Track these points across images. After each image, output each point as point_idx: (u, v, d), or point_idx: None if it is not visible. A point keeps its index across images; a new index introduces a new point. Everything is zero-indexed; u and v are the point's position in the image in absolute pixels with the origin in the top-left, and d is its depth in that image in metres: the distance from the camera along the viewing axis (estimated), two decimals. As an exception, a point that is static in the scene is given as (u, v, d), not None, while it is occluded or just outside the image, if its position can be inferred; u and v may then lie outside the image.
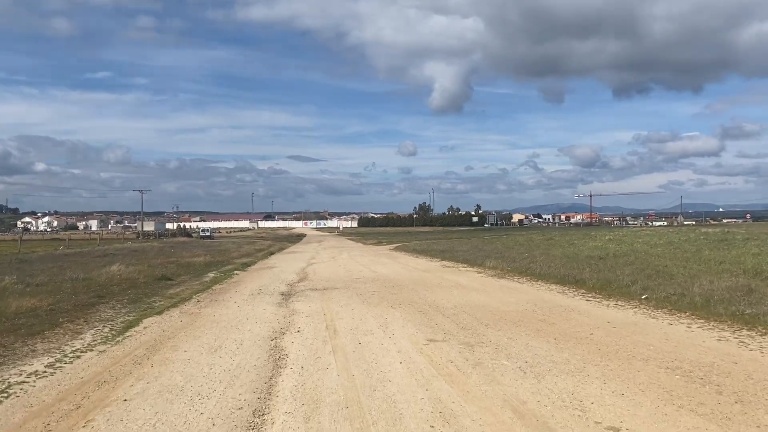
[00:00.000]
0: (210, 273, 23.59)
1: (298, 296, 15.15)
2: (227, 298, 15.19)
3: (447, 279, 18.74)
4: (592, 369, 7.21)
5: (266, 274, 23.12)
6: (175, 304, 14.29)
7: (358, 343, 9.05)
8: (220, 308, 13.31)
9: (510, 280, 18.05)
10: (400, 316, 11.58)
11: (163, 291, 17.07)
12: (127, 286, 18.04)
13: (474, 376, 7.04)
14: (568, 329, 9.77)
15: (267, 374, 7.34)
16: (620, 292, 13.76)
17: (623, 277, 15.26)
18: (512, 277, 18.90)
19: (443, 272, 21.59)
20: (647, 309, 11.65)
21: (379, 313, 12.02)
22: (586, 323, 10.25)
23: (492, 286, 16.33)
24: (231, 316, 12.15)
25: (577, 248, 31.76)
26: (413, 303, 13.32)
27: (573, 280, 16.30)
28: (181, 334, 10.22)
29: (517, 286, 16.36)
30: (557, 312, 11.58)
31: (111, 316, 12.37)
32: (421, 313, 11.79)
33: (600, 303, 12.66)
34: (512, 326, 10.15)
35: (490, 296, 14.19)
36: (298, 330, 10.30)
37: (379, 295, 14.86)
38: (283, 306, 13.42)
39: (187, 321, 11.62)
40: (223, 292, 16.78)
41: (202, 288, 17.92)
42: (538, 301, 13.22)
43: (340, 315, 11.85)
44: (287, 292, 16.25)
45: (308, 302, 13.93)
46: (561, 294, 14.35)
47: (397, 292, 15.41)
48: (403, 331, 9.98)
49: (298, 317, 11.74)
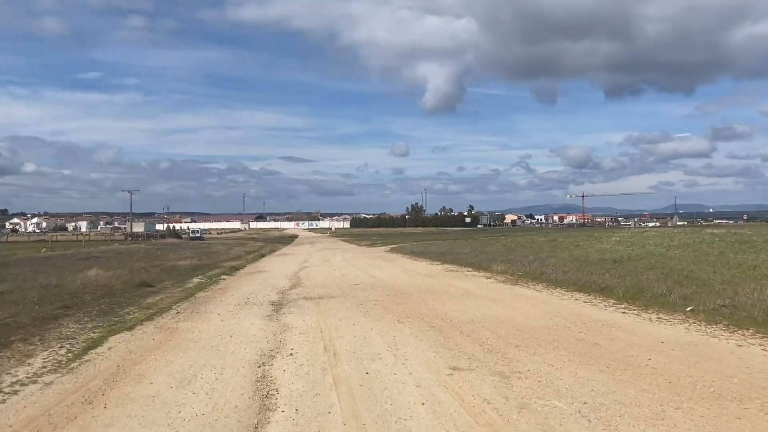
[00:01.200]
0: (195, 278, 21.83)
1: (291, 307, 13.44)
2: (210, 309, 13.46)
3: (455, 286, 17.05)
4: (677, 415, 5.51)
5: (256, 279, 21.38)
6: (151, 316, 12.56)
7: (365, 372, 7.35)
8: (201, 322, 11.59)
9: (525, 287, 16.36)
10: (410, 333, 9.89)
11: (140, 300, 15.33)
12: (101, 294, 16.27)
13: (522, 425, 5.36)
14: (617, 352, 8.11)
15: (251, 421, 5.64)
16: (657, 303, 12.11)
17: (656, 285, 13.61)
18: (526, 283, 17.22)
19: (448, 278, 19.90)
20: (698, 324, 9.98)
21: (386, 328, 10.33)
22: (637, 344, 8.58)
23: (507, 295, 14.63)
24: (212, 332, 10.43)
25: (585, 250, 30.20)
26: (423, 316, 11.63)
27: (597, 287, 14.65)
28: (150, 357, 8.50)
29: (535, 294, 14.65)
30: (595, 328, 9.90)
31: (74, 332, 10.63)
32: (434, 330, 10.10)
33: (639, 316, 10.99)
34: (548, 348, 8.48)
35: (510, 308, 12.50)
36: (291, 353, 8.60)
37: (382, 306, 13.17)
38: (273, 319, 11.70)
39: (161, 339, 9.89)
40: (206, 301, 15.04)
41: (184, 296, 16.18)
42: (567, 313, 11.54)
43: (339, 332, 10.16)
44: (278, 301, 14.53)
45: (302, 315, 12.23)
46: (589, 304, 12.67)
47: (402, 302, 13.72)
48: (418, 354, 8.29)
49: (291, 334, 10.03)
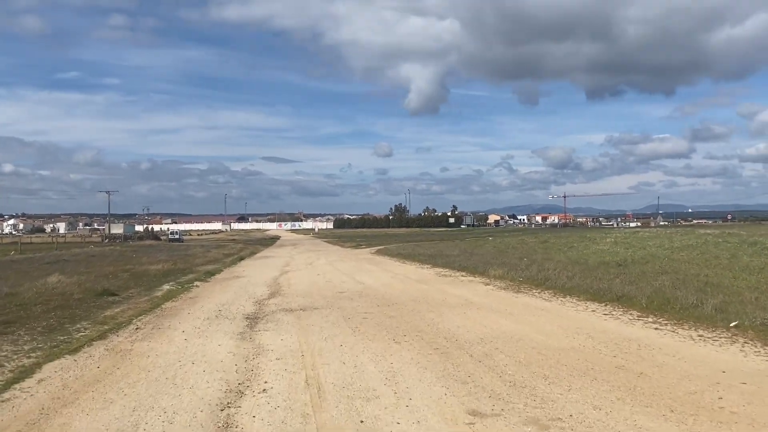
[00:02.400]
0: (165, 285, 19.95)
1: (268, 321, 11.69)
2: (175, 324, 11.68)
3: (451, 294, 15.38)
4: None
5: (232, 286, 19.57)
6: (104, 333, 10.75)
7: (359, 420, 5.64)
8: (162, 342, 9.82)
9: (530, 295, 14.73)
10: (410, 357, 8.21)
11: (98, 312, 13.49)
12: (55, 305, 14.39)
13: None
14: (674, 387, 6.48)
15: None
16: (689, 316, 10.53)
17: (681, 294, 12.04)
18: (530, 290, 15.60)
19: (443, 284, 18.24)
20: (753, 345, 8.36)
21: (380, 351, 8.64)
22: (693, 374, 6.96)
23: (514, 306, 12.98)
24: (172, 356, 8.67)
25: (580, 252, 28.77)
26: (422, 333, 9.95)
27: (612, 295, 13.07)
28: (86, 395, 6.73)
29: (545, 305, 13.01)
30: (631, 351, 8.27)
31: (4, 357, 8.80)
32: (438, 353, 8.42)
33: (676, 334, 9.38)
34: (585, 380, 6.84)
35: (521, 322, 10.84)
36: (265, 388, 6.87)
37: (373, 320, 11.47)
38: (245, 338, 9.95)
39: (108, 367, 8.11)
40: (173, 313, 13.25)
41: (149, 307, 14.36)
42: (590, 329, 9.91)
43: (324, 356, 8.44)
44: (254, 314, 12.77)
45: (280, 332, 10.48)
46: (611, 318, 11.05)
47: (396, 315, 12.03)
48: (424, 389, 6.60)
49: (266, 360, 8.30)
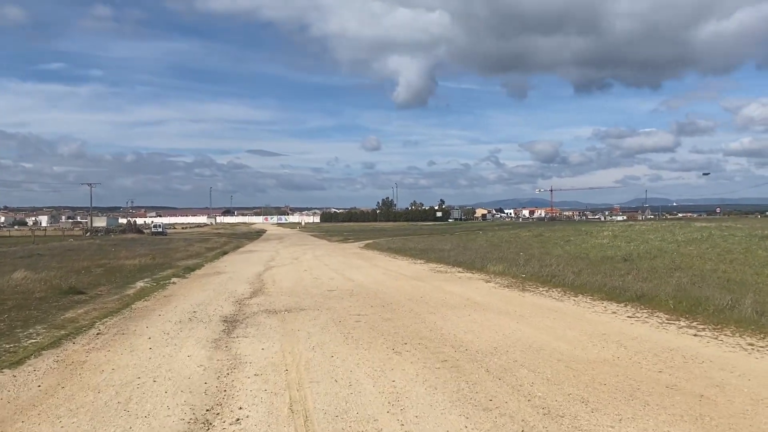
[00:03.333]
0: (139, 281, 18.48)
1: (248, 325, 10.31)
2: (142, 328, 10.26)
3: (451, 292, 14.06)
4: None
5: (211, 283, 18.13)
6: (59, 340, 9.33)
7: (360, 470, 4.32)
8: (122, 351, 8.42)
9: (538, 293, 13.45)
10: (414, 372, 6.87)
11: (58, 314, 12.04)
12: (11, 305, 12.93)
13: None
14: (751, 416, 5.20)
15: None
16: (728, 319, 9.29)
17: (711, 294, 10.81)
18: (536, 288, 14.33)
19: (440, 281, 16.92)
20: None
21: (378, 364, 7.30)
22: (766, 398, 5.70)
23: (522, 306, 11.66)
24: (130, 372, 7.27)
25: (579, 246, 27.63)
26: (424, 340, 8.62)
27: (631, 294, 11.81)
28: (12, 428, 5.34)
29: (557, 305, 11.71)
30: (676, 364, 6.98)
31: (-71, 372, 7.38)
32: (448, 367, 7.10)
33: (722, 342, 8.10)
34: (636, 406, 5.53)
35: (536, 326, 9.53)
36: (238, 417, 5.50)
37: (367, 323, 10.12)
38: (220, 347, 8.57)
39: (50, 386, 6.70)
40: (142, 315, 11.83)
41: (117, 307, 12.92)
42: (617, 335, 8.62)
43: (312, 371, 7.08)
44: (232, 316, 11.37)
45: (261, 339, 9.11)
46: (638, 321, 9.76)
47: (393, 317, 10.69)
48: (439, 420, 5.26)
49: (242, 377, 6.92)
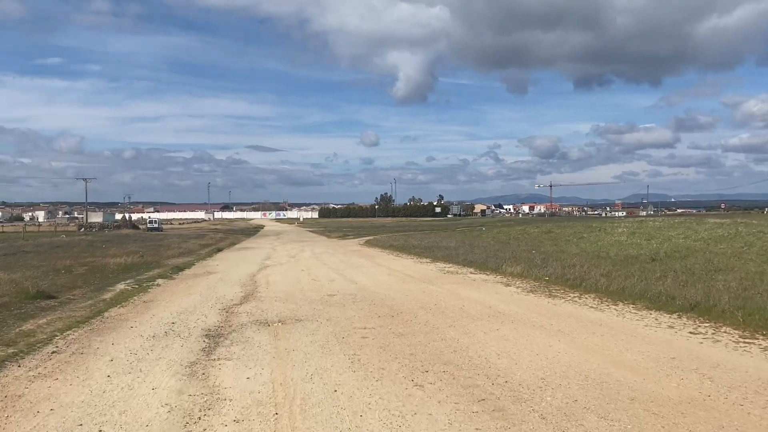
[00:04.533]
0: (121, 283, 16.79)
1: (233, 342, 8.59)
2: (107, 345, 8.56)
3: (469, 298, 12.35)
4: None
5: (199, 285, 16.42)
6: (2, 362, 7.64)
7: None
8: (73, 380, 6.71)
9: (570, 301, 11.72)
10: (446, 421, 5.15)
11: (15, 324, 10.36)
12: (-35, 313, 11.28)
13: None
14: None
15: None
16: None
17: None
18: (565, 293, 12.61)
19: (452, 283, 15.20)
20: None
21: (396, 405, 5.59)
22: None
23: (558, 318, 9.91)
24: (71, 416, 5.56)
25: (595, 245, 25.94)
26: (449, 366, 6.91)
27: (684, 304, 10.09)
28: None
29: (599, 317, 9.97)
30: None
31: None
32: (489, 412, 5.38)
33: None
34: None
35: (585, 347, 7.80)
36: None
37: (376, 340, 8.42)
38: (196, 375, 6.85)
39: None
40: (112, 326, 10.12)
41: (87, 316, 11.23)
42: (694, 362, 6.87)
43: (310, 415, 5.35)
44: (217, 329, 9.66)
45: (248, 362, 7.40)
46: (708, 340, 7.97)
47: (405, 331, 8.99)
48: None
49: (217, 425, 5.20)
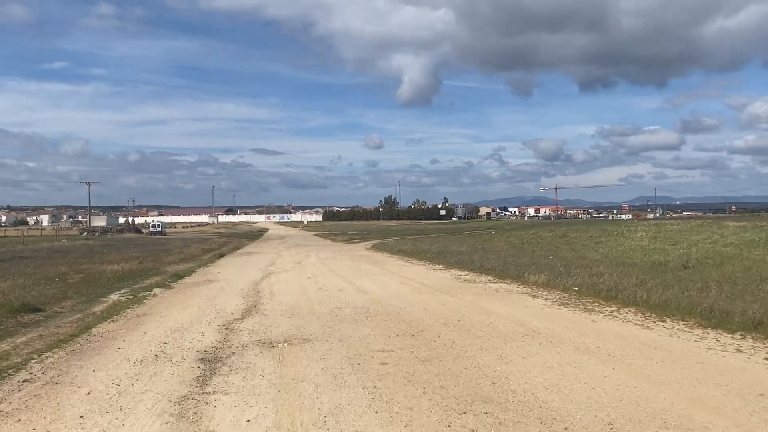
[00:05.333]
0: (115, 293, 15.68)
1: (231, 370, 7.42)
2: (86, 373, 7.41)
3: (495, 313, 11.14)
4: None
5: (199, 295, 15.27)
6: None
7: None
8: (36, 425, 5.56)
9: (608, 315, 10.49)
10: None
11: (-11, 344, 9.23)
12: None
13: None
14: None
15: None
16: None
17: None
18: (601, 306, 11.41)
19: (473, 294, 14.00)
20: None
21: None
22: None
23: (604, 338, 8.67)
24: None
25: (616, 250, 24.74)
26: (491, 405, 5.73)
27: (744, 321, 8.85)
28: None
29: (651, 337, 8.71)
30: None
31: None
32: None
33: None
34: None
35: (644, 376, 6.60)
36: None
37: (398, 367, 7.23)
38: (185, 417, 5.67)
39: None
40: (97, 347, 8.97)
41: (71, 333, 10.11)
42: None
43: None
44: (214, 350, 8.50)
45: (248, 397, 6.22)
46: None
47: (429, 355, 7.80)
48: None
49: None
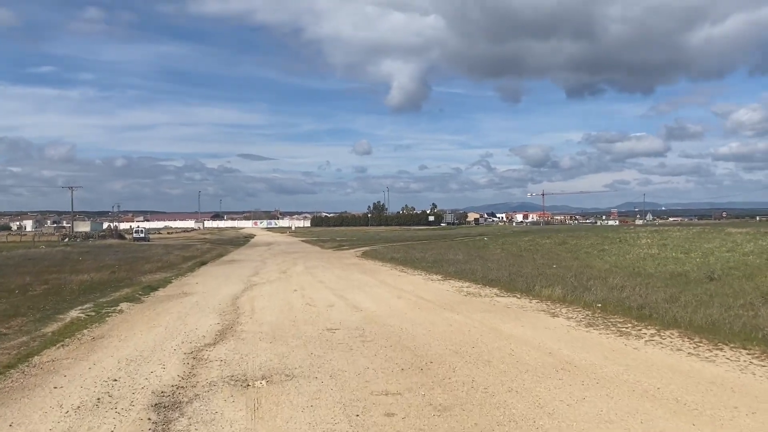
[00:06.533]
0: (76, 309, 13.89)
1: (192, 421, 5.64)
2: (1, 425, 5.66)
3: (514, 337, 9.46)
4: None
5: (169, 312, 13.49)
6: None
7: None
8: None
9: (650, 341, 8.84)
10: None
11: None
12: None
13: None
14: None
15: None
16: None
17: None
18: (634, 327, 9.76)
19: (482, 312, 12.32)
20: None
21: None
22: None
23: (661, 377, 6.95)
24: None
25: (623, 258, 23.22)
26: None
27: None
28: None
29: (718, 374, 7.01)
30: None
31: None
32: None
33: None
34: None
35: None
36: None
37: (409, 420, 5.52)
38: None
39: None
40: (31, 385, 7.21)
41: (7, 364, 8.41)
42: None
43: None
44: (172, 393, 6.73)
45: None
46: None
47: (447, 401, 6.11)
48: None
49: None
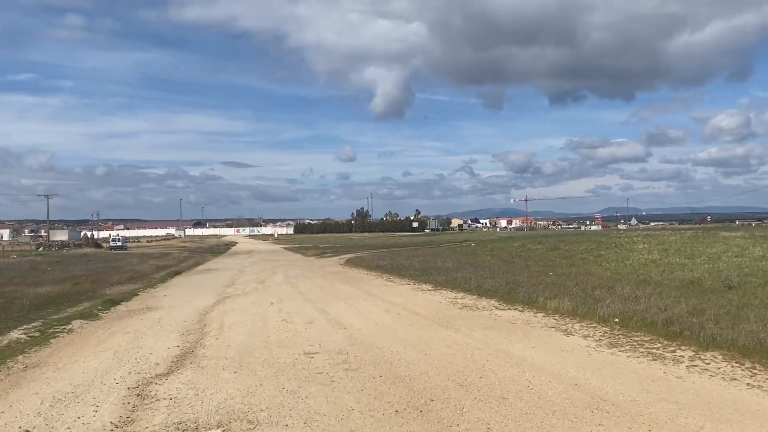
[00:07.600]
0: (19, 328, 12.25)
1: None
2: None
3: (525, 361, 7.95)
4: None
5: (124, 331, 11.79)
6: None
7: None
8: None
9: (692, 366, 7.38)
10: None
11: None
12: None
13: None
14: None
15: None
16: None
17: None
18: (669, 349, 8.32)
19: (483, 329, 10.79)
20: None
21: None
22: None
23: (720, 417, 5.54)
24: None
25: (623, 264, 21.90)
26: None
27: None
28: None
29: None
30: None
31: None
32: None
33: None
34: None
35: None
36: None
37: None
38: None
39: None
40: None
41: None
42: None
43: None
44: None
45: None
46: None
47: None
48: None
49: None
